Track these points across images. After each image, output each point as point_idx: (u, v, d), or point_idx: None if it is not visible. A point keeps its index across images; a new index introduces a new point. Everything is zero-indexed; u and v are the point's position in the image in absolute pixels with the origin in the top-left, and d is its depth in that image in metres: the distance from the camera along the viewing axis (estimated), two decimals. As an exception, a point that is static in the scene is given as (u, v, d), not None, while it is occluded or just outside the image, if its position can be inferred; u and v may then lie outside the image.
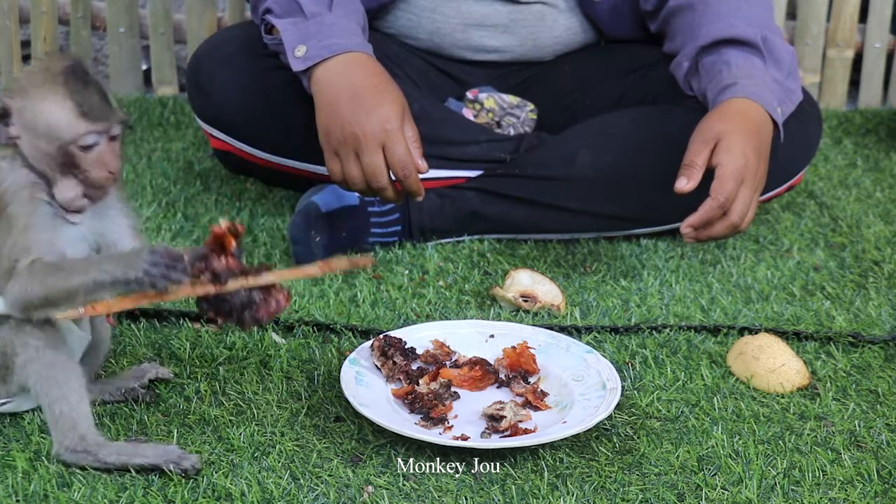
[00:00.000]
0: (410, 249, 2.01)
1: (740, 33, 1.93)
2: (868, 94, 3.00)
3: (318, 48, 1.85)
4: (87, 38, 2.92)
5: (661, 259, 2.01)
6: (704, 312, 1.84)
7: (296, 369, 1.64)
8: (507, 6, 2.14)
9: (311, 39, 1.86)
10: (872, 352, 1.74)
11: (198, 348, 1.67)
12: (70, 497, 1.35)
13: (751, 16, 1.97)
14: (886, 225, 2.20)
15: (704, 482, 1.42)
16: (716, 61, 1.94)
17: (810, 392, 1.63)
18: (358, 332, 1.74)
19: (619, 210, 2.05)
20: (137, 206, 2.14)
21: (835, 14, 2.94)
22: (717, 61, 1.94)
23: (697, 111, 1.96)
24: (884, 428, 1.55)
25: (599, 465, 1.45)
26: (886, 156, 2.59)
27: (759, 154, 1.82)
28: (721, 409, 1.58)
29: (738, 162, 1.78)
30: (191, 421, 1.51)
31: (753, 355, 1.66)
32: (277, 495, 1.37)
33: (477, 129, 2.10)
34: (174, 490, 1.37)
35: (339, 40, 1.86)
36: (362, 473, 1.42)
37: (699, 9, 2.00)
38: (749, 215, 1.81)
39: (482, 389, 1.59)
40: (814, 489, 1.42)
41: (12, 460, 1.41)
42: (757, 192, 1.82)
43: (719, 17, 1.96)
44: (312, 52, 1.85)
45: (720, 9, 1.98)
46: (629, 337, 1.76)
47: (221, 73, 2.05)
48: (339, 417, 1.53)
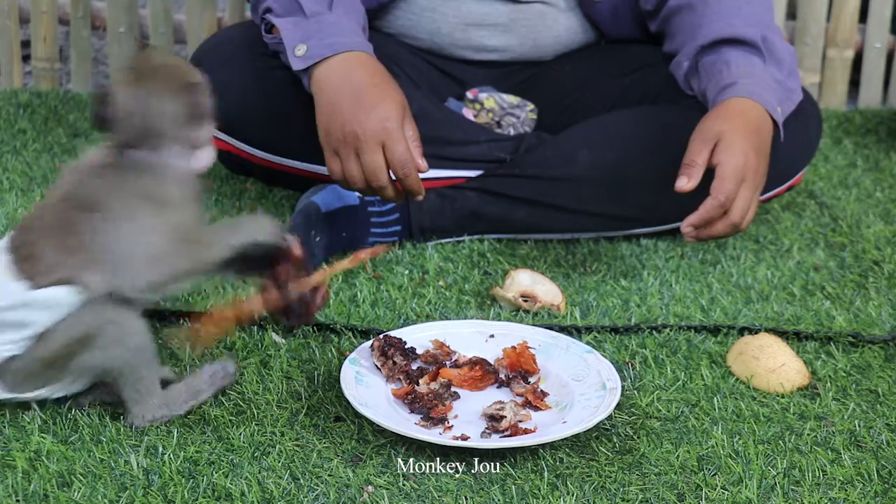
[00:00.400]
0: (410, 249, 2.01)
1: (740, 33, 1.93)
2: (868, 94, 3.00)
3: (318, 47, 1.85)
4: (87, 38, 2.92)
5: (662, 259, 2.01)
6: (704, 312, 1.84)
7: (296, 369, 1.64)
8: (507, 6, 2.14)
9: (312, 38, 1.86)
10: (872, 352, 1.74)
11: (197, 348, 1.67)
12: (70, 497, 1.35)
13: (751, 15, 1.97)
14: (886, 225, 2.20)
15: (704, 482, 1.42)
16: (715, 61, 1.94)
17: (810, 392, 1.63)
18: (358, 331, 1.74)
19: (620, 210, 2.05)
20: (137, 206, 2.14)
21: (835, 14, 2.94)
22: (716, 61, 1.94)
23: (698, 111, 1.96)
24: (884, 428, 1.55)
25: (599, 465, 1.45)
26: (886, 156, 2.59)
27: (759, 153, 1.82)
28: (721, 408, 1.58)
29: (739, 161, 1.78)
30: (191, 421, 1.51)
31: (753, 355, 1.66)
32: (277, 495, 1.37)
33: (477, 129, 2.10)
34: (174, 490, 1.37)
35: (340, 39, 1.86)
36: (362, 473, 1.42)
37: (699, 9, 2.00)
38: (750, 214, 1.81)
39: (482, 389, 1.59)
40: (814, 489, 1.42)
41: (12, 460, 1.41)
42: (757, 191, 1.82)
43: (719, 17, 1.96)
44: (313, 51, 1.85)
45: (720, 8, 1.98)
46: (629, 337, 1.76)
47: (221, 72, 2.04)
48: (339, 417, 1.53)
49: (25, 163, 2.38)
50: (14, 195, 2.19)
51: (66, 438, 1.46)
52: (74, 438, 1.46)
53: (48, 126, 2.63)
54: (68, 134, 2.58)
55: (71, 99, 2.82)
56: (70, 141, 2.54)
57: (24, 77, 3.04)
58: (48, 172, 2.33)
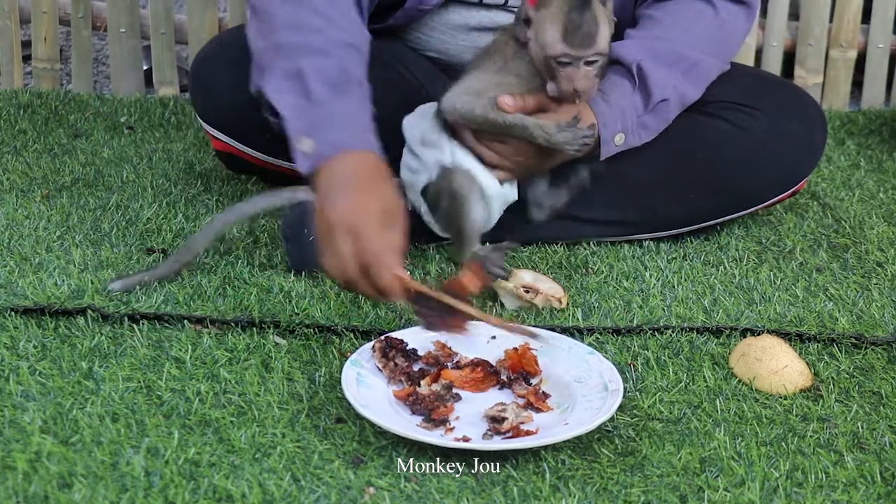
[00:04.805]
0: (412, 250, 2.01)
1: (623, 54, 1.93)
2: (871, 94, 3.00)
3: (324, 144, 1.70)
4: (88, 39, 2.92)
5: (664, 260, 2.01)
6: (707, 314, 1.83)
7: (297, 370, 1.64)
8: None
9: (317, 132, 1.71)
10: (875, 353, 1.73)
11: (198, 349, 1.67)
12: (70, 498, 1.34)
13: (674, 39, 1.96)
14: (889, 226, 2.19)
15: (707, 484, 1.42)
16: (609, 75, 1.94)
17: (813, 394, 1.63)
18: (359, 332, 1.74)
19: (621, 216, 2.04)
20: (138, 207, 2.14)
21: (837, 15, 2.94)
22: (609, 75, 1.94)
23: (699, 116, 1.97)
24: (887, 430, 1.54)
25: (601, 467, 1.45)
26: (890, 156, 2.59)
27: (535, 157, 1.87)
28: (723, 410, 1.58)
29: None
30: (192, 422, 1.50)
31: (756, 357, 1.66)
32: (279, 497, 1.36)
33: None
34: (175, 491, 1.36)
35: (345, 136, 1.71)
36: (363, 475, 1.41)
37: (646, 24, 2.00)
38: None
39: (484, 391, 1.59)
40: (816, 491, 1.41)
41: (13, 461, 1.41)
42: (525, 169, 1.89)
43: (641, 37, 1.97)
44: (319, 149, 1.70)
45: (655, 29, 1.98)
46: (631, 338, 1.75)
47: (224, 75, 2.05)
48: (340, 419, 1.53)
49: (26, 163, 2.38)
50: (14, 195, 2.18)
51: (67, 439, 1.45)
52: (75, 439, 1.45)
53: (49, 126, 2.63)
54: (69, 134, 2.58)
55: (71, 99, 2.82)
56: (70, 141, 2.53)
57: (24, 77, 3.04)
58: (48, 173, 2.32)
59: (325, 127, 1.71)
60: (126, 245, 1.99)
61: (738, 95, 2.05)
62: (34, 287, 1.80)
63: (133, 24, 2.90)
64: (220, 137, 2.10)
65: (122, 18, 2.89)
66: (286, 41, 1.78)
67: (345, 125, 1.72)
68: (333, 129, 1.71)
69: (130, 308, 1.75)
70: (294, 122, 1.73)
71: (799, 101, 2.11)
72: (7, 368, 1.60)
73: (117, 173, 2.33)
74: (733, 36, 2.05)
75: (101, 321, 1.73)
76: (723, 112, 2.03)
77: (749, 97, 2.05)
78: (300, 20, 1.79)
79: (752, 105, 2.04)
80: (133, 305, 1.76)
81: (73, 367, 1.61)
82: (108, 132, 2.62)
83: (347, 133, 1.71)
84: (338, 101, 1.73)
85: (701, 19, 2.00)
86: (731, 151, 2.02)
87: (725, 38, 2.04)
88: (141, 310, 1.75)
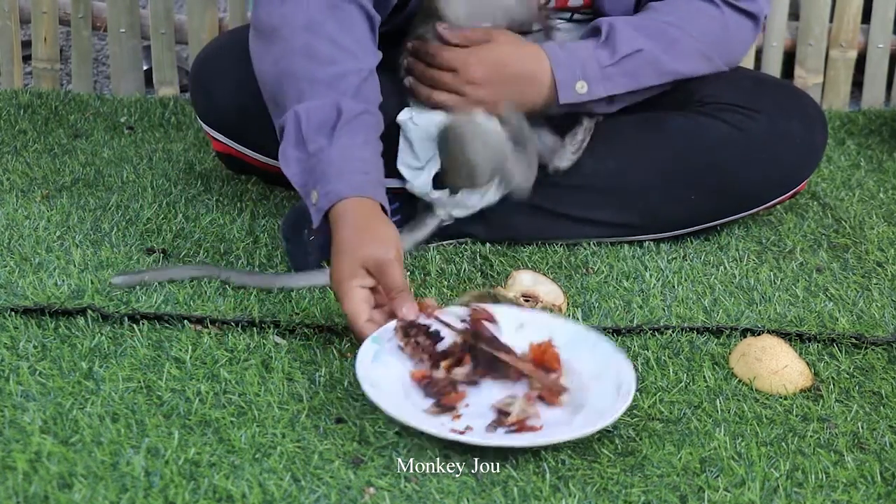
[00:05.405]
0: (412, 251, 2.01)
1: (599, 21, 1.96)
2: (871, 94, 3.00)
3: (322, 197, 1.72)
4: (88, 39, 2.92)
5: (664, 260, 2.01)
6: (707, 314, 1.83)
7: (297, 370, 1.64)
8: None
9: (316, 184, 1.73)
10: (876, 353, 1.73)
11: (199, 349, 1.67)
12: (70, 498, 1.34)
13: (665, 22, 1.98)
14: (890, 226, 2.19)
15: (707, 484, 1.42)
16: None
17: (813, 394, 1.63)
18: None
19: (622, 217, 2.04)
20: (138, 207, 2.14)
21: (838, 15, 2.94)
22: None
23: (699, 118, 1.97)
24: (887, 430, 1.54)
25: (602, 467, 1.45)
26: (890, 157, 2.59)
27: (495, 85, 1.90)
28: (723, 410, 1.58)
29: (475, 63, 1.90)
30: (192, 422, 1.50)
31: (756, 357, 1.65)
32: (279, 497, 1.36)
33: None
34: (175, 491, 1.36)
35: (340, 185, 1.72)
36: (363, 475, 1.41)
37: (644, 13, 2.01)
38: (443, 97, 1.91)
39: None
40: (817, 491, 1.41)
41: (12, 461, 1.41)
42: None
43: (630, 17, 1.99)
44: (320, 203, 1.73)
45: (649, 13, 2.00)
46: (631, 338, 1.75)
47: (224, 76, 2.04)
48: (340, 419, 1.53)
49: (26, 163, 2.38)
50: (14, 195, 2.18)
51: (67, 440, 1.45)
52: (75, 440, 1.45)
53: (49, 127, 2.63)
54: (69, 135, 2.58)
55: (72, 99, 2.82)
56: (71, 142, 2.53)
57: (24, 77, 3.04)
58: (48, 173, 2.32)
59: (321, 178, 1.73)
60: (126, 245, 1.99)
61: (738, 97, 2.05)
62: (34, 287, 1.80)
63: (133, 24, 2.90)
64: (221, 139, 2.10)
65: (122, 18, 2.89)
66: (295, 70, 1.79)
67: (336, 173, 1.72)
68: (328, 180, 1.72)
69: (130, 308, 1.75)
70: (296, 178, 1.77)
71: (799, 102, 2.11)
72: (7, 368, 1.60)
73: (117, 173, 2.33)
74: (737, 39, 2.05)
75: (101, 321, 1.73)
76: (722, 114, 2.03)
77: (749, 99, 2.05)
78: (314, 50, 1.79)
79: (751, 107, 2.04)
80: (133, 305, 1.76)
81: (73, 367, 1.61)
82: (108, 132, 2.62)
83: (340, 182, 1.72)
84: (330, 147, 1.74)
85: (704, 16, 2.00)
86: (732, 153, 2.02)
87: (728, 39, 2.04)
88: (141, 310, 1.75)
